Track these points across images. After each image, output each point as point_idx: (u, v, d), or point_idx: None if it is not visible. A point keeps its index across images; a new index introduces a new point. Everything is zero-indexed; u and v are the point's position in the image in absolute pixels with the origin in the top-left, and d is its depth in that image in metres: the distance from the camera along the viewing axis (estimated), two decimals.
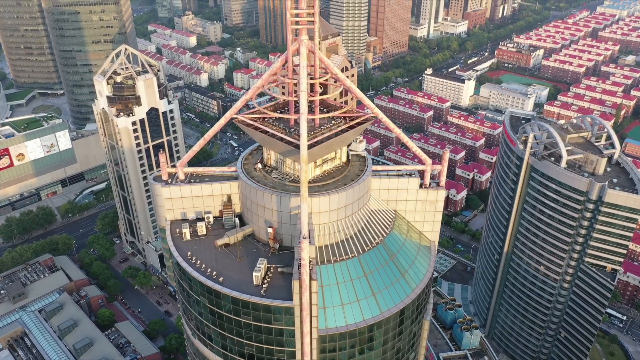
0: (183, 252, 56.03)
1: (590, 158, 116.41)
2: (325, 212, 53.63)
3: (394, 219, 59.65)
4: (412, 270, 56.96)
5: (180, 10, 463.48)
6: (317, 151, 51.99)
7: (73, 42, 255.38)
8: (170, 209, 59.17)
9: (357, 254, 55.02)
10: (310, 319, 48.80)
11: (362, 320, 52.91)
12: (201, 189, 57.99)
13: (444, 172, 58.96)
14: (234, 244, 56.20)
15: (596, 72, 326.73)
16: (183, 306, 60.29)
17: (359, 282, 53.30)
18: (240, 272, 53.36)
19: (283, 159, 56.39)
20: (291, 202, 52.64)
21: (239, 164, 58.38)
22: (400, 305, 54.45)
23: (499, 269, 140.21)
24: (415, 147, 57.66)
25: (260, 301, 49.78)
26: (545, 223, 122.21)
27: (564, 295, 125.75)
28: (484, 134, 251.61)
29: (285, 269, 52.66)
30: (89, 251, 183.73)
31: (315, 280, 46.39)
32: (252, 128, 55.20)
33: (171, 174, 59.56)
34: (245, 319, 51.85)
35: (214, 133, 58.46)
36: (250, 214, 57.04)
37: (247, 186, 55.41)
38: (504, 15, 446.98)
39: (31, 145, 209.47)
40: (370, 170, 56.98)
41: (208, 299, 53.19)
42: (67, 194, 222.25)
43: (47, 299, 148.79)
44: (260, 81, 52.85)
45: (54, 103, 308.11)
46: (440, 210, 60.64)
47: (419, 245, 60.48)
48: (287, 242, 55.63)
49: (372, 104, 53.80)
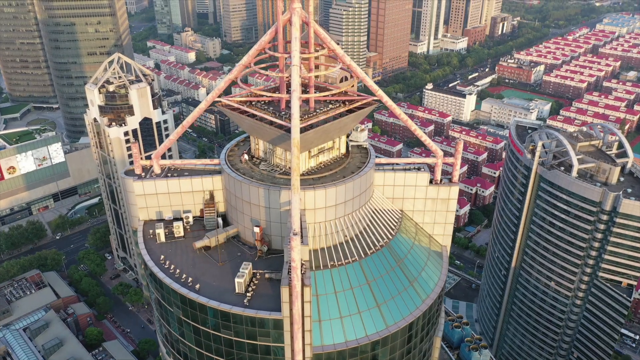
0: (155, 255, 48.26)
1: (603, 167, 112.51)
2: (321, 209, 45.97)
3: (400, 220, 52.04)
4: (421, 278, 49.09)
5: (179, 27, 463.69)
6: (312, 137, 44.64)
7: (68, 54, 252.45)
8: (144, 208, 51.49)
9: (358, 258, 47.17)
10: (302, 334, 40.75)
11: (364, 336, 44.83)
12: (179, 184, 50.48)
13: (458, 166, 51.60)
14: (215, 247, 48.34)
15: (598, 88, 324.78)
16: (157, 321, 52.14)
17: (360, 291, 45.30)
18: (221, 278, 45.54)
19: (273, 149, 49.02)
20: (281, 196, 45.12)
21: (222, 155, 51.13)
22: (409, 319, 46.40)
23: (506, 285, 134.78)
24: (424, 136, 50.52)
25: (243, 312, 41.82)
26: (556, 236, 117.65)
27: (576, 313, 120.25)
28: (486, 148, 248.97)
29: (274, 274, 44.80)
30: (79, 267, 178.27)
31: (309, 287, 38.55)
32: (237, 112, 47.95)
33: (145, 168, 52.20)
34: (225, 334, 43.67)
35: (194, 120, 51.35)
36: (235, 212, 49.44)
37: (232, 180, 48.00)
38: (503, 33, 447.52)
39: (23, 158, 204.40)
40: (374, 162, 49.59)
41: (182, 310, 45.13)
42: (59, 208, 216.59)
43: (32, 317, 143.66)
44: (246, 57, 45.90)
45: (49, 117, 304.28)
46: (453, 210, 53.12)
47: (428, 250, 52.77)
48: (277, 245, 47.90)
49: (375, 86, 46.65)
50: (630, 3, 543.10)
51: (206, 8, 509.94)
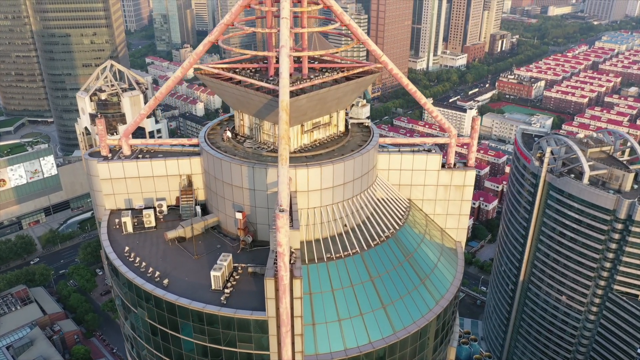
0: (119, 247, 40.80)
1: (616, 173, 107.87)
2: (316, 192, 38.74)
3: (408, 210, 44.86)
4: (434, 276, 41.63)
5: (179, 45, 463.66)
6: (305, 104, 37.81)
7: (63, 65, 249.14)
8: (111, 194, 44.19)
9: (359, 250, 39.71)
10: (292, 339, 32.92)
11: (367, 343, 36.92)
12: (151, 167, 43.27)
13: (474, 147, 44.67)
14: (191, 238, 40.95)
15: (599, 103, 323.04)
16: (122, 328, 44.42)
17: (362, 289, 37.72)
18: (196, 273, 38.06)
19: (259, 124, 42.06)
20: (268, 175, 38.03)
21: (201, 134, 44.19)
22: (421, 323, 38.62)
23: (514, 300, 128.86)
24: (436, 111, 43.70)
25: (219, 312, 34.04)
26: (567, 247, 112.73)
27: (589, 329, 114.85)
28: (488, 162, 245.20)
29: (259, 269, 37.29)
30: (68, 282, 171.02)
31: (299, 279, 31.12)
32: (219, 80, 41.21)
33: (114, 150, 45.33)
34: (198, 339, 35.82)
35: (168, 90, 44.64)
36: (216, 198, 42.28)
37: (211, 159, 41.03)
38: (502, 50, 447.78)
39: (14, 170, 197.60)
40: (377, 140, 42.61)
41: (147, 310, 37.39)
42: (51, 222, 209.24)
43: (16, 334, 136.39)
44: (229, 15, 39.42)
45: (44, 130, 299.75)
46: (469, 199, 45.97)
47: (441, 245, 45.42)
48: (264, 236, 40.53)
49: (379, 50, 40.10)
50: (628, 22, 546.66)
51: (206, 25, 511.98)
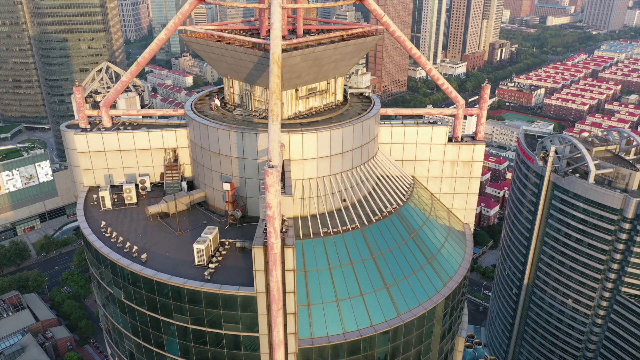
0: (96, 222, 37.13)
1: (622, 172, 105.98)
2: (312, 161, 35.17)
3: (412, 187, 41.35)
4: (441, 255, 37.97)
5: (178, 54, 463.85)
6: (299, 63, 34.48)
7: (60, 70, 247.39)
8: (89, 169, 40.59)
9: (359, 226, 36.06)
10: (284, 319, 29.18)
11: (368, 326, 33.02)
12: (134, 140, 39.79)
13: (483, 118, 41.36)
14: (174, 213, 37.32)
15: (600, 110, 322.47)
16: (99, 314, 40.46)
17: (362, 267, 33.98)
18: (179, 250, 34.40)
19: (250, 90, 38.70)
20: (259, 142, 34.55)
21: (188, 103, 40.82)
22: (428, 305, 34.72)
23: (518, 305, 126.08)
24: (442, 79, 40.50)
25: (202, 288, 30.23)
26: (572, 248, 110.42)
27: (597, 333, 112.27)
28: (489, 168, 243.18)
29: (248, 243, 33.62)
30: (62, 289, 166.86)
31: (292, 248, 27.44)
32: (206, 41, 37.95)
33: (94, 122, 41.95)
34: (179, 320, 31.92)
35: (152, 55, 41.37)
36: (203, 171, 38.75)
37: (197, 126, 37.60)
38: (502, 58, 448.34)
39: (8, 175, 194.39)
40: (378, 109, 39.27)
41: (124, 289, 33.53)
42: (46, 229, 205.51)
43: (8, 341, 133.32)
44: None
45: (41, 137, 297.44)
46: (478, 176, 42.47)
47: (448, 226, 41.79)
48: (254, 211, 36.90)
49: (380, 10, 36.87)
50: (626, 32, 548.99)
51: None
